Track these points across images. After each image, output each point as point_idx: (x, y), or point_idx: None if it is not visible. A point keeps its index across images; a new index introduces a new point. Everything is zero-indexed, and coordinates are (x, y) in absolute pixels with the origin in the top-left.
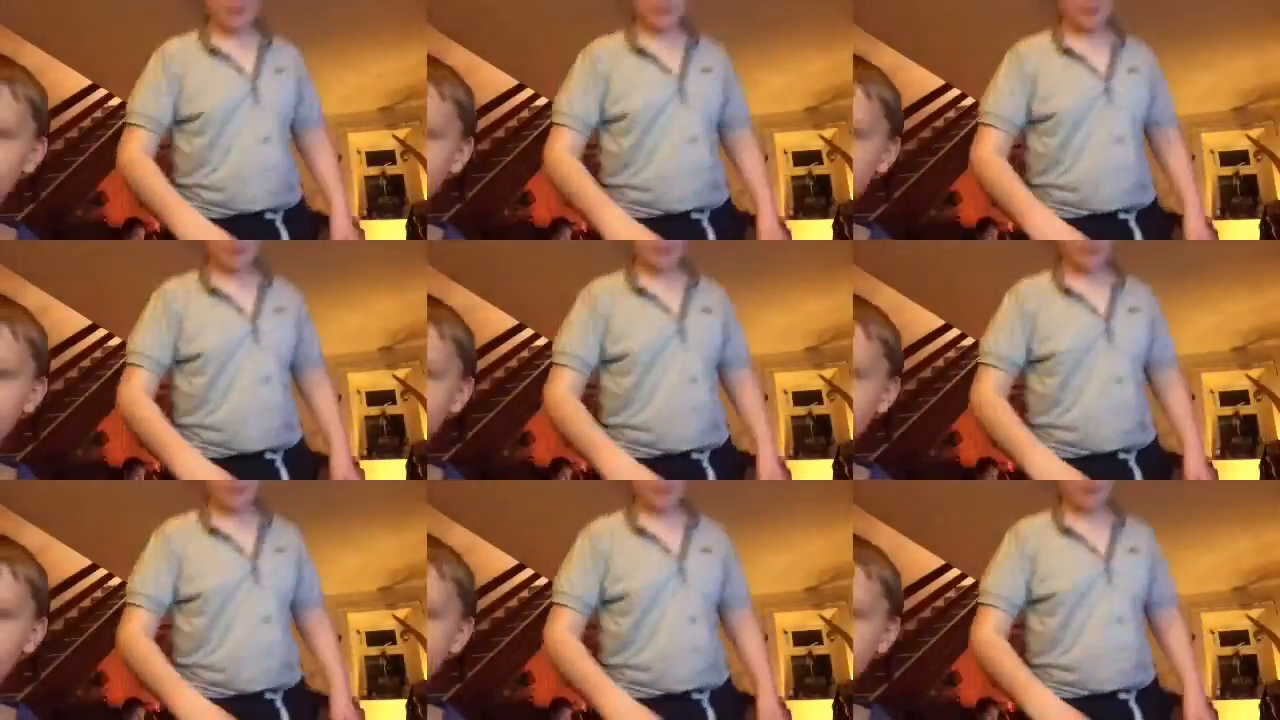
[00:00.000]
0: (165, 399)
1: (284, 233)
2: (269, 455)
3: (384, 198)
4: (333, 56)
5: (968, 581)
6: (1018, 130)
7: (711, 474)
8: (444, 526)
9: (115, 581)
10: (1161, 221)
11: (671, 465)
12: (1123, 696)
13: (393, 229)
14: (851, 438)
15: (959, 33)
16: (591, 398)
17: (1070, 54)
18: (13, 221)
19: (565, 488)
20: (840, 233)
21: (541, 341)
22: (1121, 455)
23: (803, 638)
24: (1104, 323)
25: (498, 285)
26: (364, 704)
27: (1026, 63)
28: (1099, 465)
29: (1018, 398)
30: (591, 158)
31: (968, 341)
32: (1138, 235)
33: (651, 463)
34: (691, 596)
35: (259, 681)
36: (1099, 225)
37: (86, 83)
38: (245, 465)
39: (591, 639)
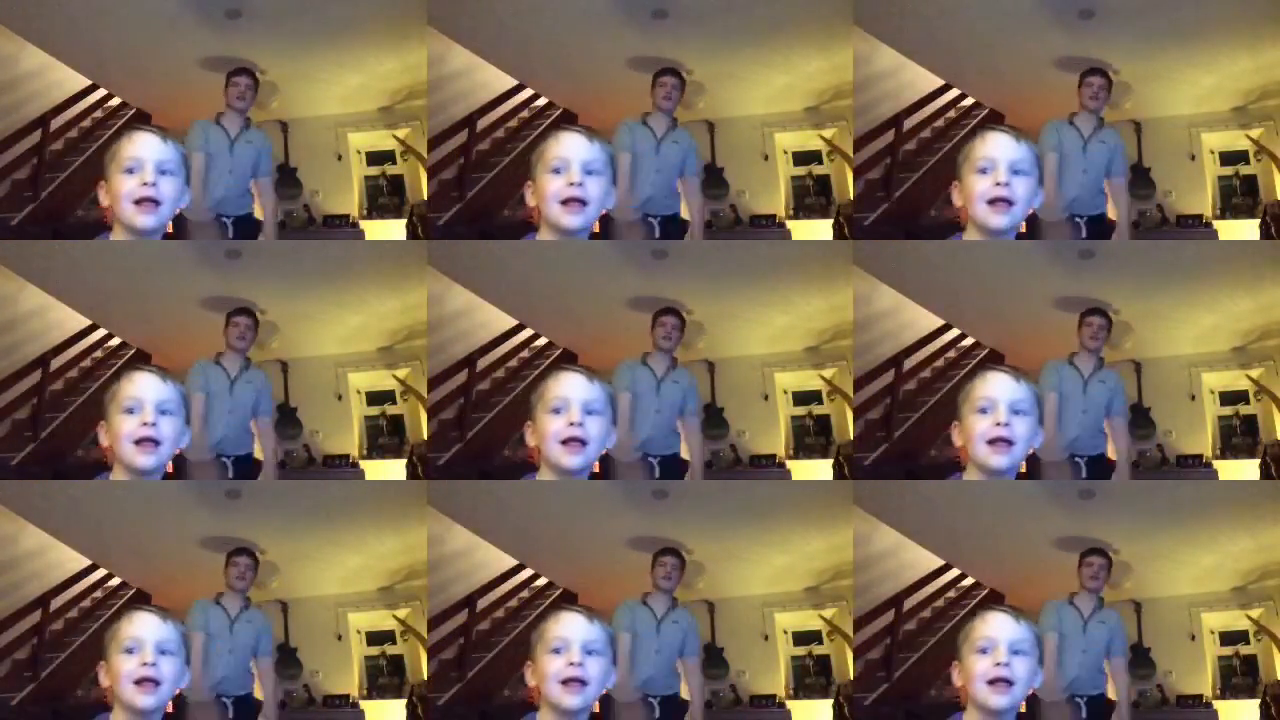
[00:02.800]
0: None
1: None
2: (223, 459)
3: (384, 198)
4: (333, 56)
5: (968, 581)
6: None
7: (657, 470)
8: (444, 526)
9: (115, 581)
10: (1103, 227)
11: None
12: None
13: (393, 229)
14: (851, 438)
15: (959, 33)
16: None
17: (1071, 125)
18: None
19: (565, 487)
20: (840, 233)
21: (541, 341)
22: (1077, 459)
23: (803, 638)
24: (1084, 382)
25: (498, 285)
26: (364, 704)
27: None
28: (1054, 467)
29: None
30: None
31: (968, 341)
32: (1083, 232)
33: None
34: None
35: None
36: (1060, 225)
37: (86, 83)
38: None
39: None
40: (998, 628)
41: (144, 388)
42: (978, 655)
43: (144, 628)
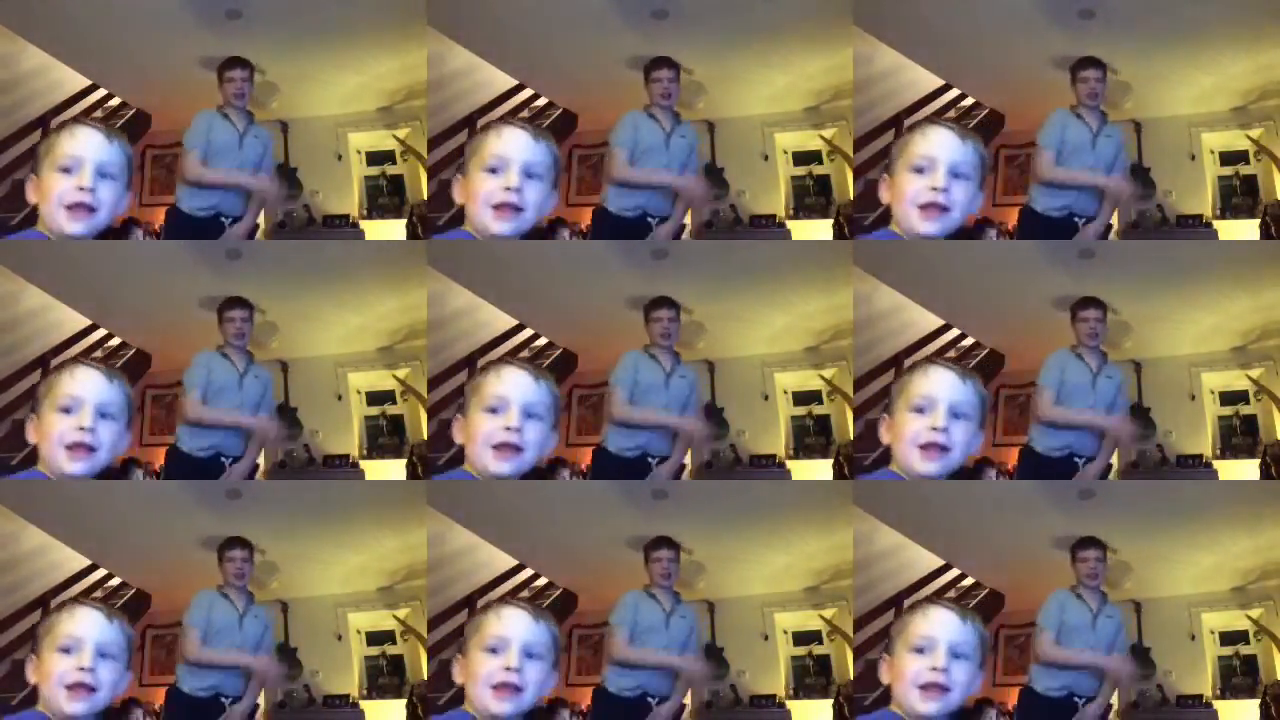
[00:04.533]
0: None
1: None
2: (222, 458)
3: (384, 198)
4: (333, 56)
5: (968, 581)
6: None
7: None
8: (444, 526)
9: (115, 581)
10: (1104, 227)
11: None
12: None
13: (393, 229)
14: (851, 438)
15: (959, 33)
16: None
17: (1079, 118)
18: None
19: (565, 488)
20: (840, 233)
21: (541, 341)
22: (1075, 459)
23: (803, 638)
24: (1093, 377)
25: (498, 285)
26: (364, 704)
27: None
28: (1056, 464)
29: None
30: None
31: (968, 341)
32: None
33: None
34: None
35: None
36: (1057, 220)
37: (86, 83)
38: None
39: None
40: (940, 626)
41: (85, 386)
42: (912, 654)
43: (85, 626)
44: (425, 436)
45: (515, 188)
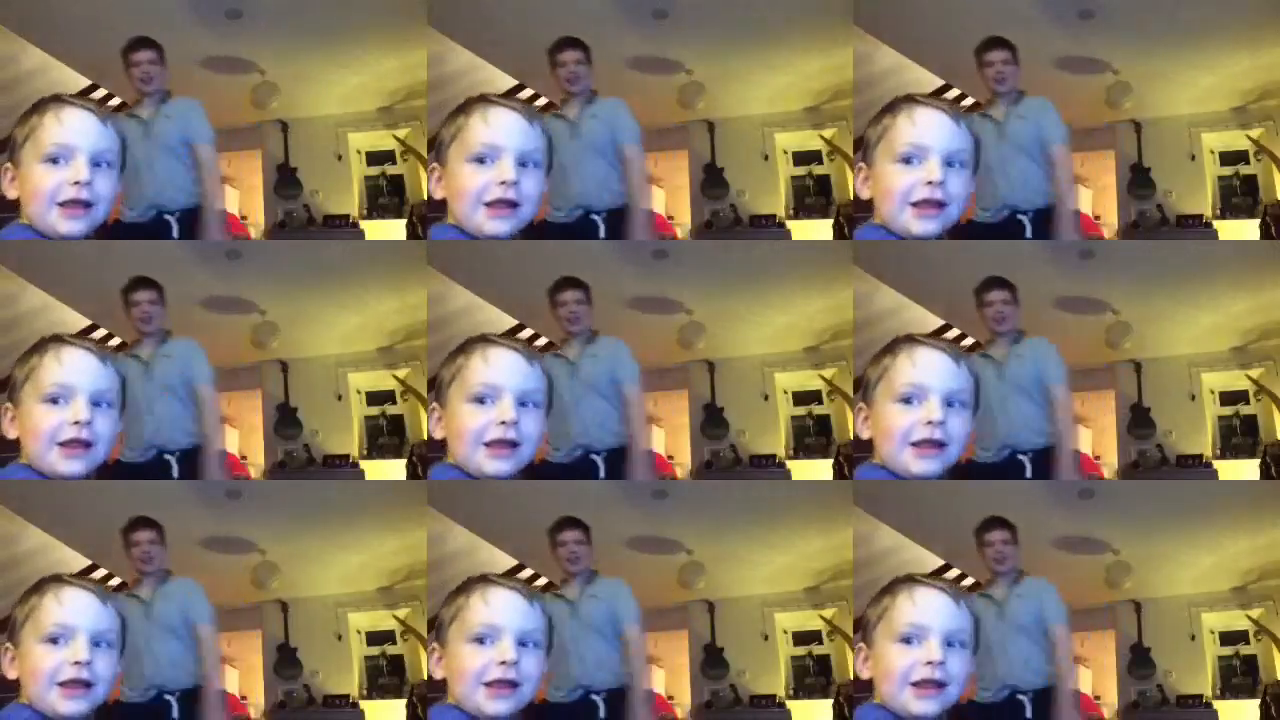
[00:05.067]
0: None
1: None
2: (165, 456)
3: (384, 198)
4: (333, 56)
5: (968, 582)
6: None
7: (602, 469)
8: (444, 526)
9: (115, 582)
10: (1049, 221)
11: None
12: (1019, 697)
13: (393, 229)
14: (851, 437)
15: (959, 33)
16: None
17: (985, 116)
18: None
19: (565, 488)
20: (840, 233)
21: (542, 341)
22: (1019, 456)
23: (803, 638)
24: (999, 366)
25: (498, 285)
26: (364, 704)
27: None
28: (1000, 465)
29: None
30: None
31: (968, 341)
32: (1029, 232)
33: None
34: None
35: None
36: (1001, 225)
37: (86, 83)
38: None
39: None
40: (932, 613)
41: (75, 372)
42: (899, 645)
43: (76, 613)
44: (425, 436)
45: (511, 182)
